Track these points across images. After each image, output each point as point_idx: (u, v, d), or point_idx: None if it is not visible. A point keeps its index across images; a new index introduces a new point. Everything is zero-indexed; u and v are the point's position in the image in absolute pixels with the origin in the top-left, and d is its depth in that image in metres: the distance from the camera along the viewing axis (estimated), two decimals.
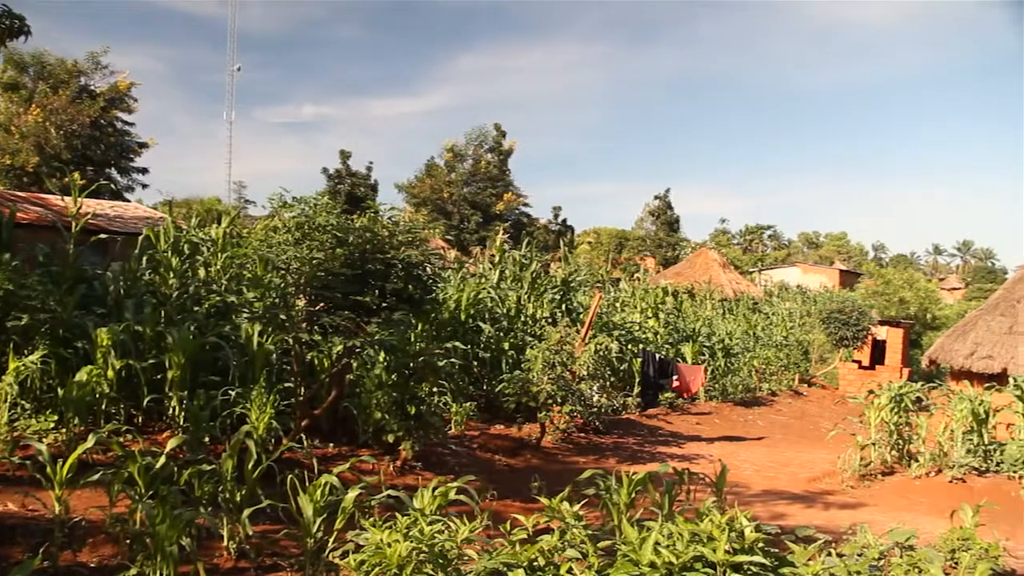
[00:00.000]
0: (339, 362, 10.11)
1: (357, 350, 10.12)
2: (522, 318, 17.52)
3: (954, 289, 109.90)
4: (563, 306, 18.68)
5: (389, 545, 4.86)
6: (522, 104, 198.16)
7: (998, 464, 12.71)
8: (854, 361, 30.67)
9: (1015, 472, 12.34)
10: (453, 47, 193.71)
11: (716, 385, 22.53)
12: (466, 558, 5.14)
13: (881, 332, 32.02)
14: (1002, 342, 21.22)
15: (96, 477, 6.38)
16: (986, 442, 13.12)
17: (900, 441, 13.70)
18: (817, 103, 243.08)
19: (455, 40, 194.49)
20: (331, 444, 10.89)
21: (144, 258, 12.63)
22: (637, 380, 18.82)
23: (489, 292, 17.15)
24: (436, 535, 5.05)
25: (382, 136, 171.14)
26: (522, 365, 14.54)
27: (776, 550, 5.46)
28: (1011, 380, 14.36)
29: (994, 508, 8.97)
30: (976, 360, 21.18)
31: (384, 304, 9.92)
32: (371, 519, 5.34)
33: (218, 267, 13.40)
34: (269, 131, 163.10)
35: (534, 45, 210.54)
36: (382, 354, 11.06)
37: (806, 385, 28.99)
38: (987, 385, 15.70)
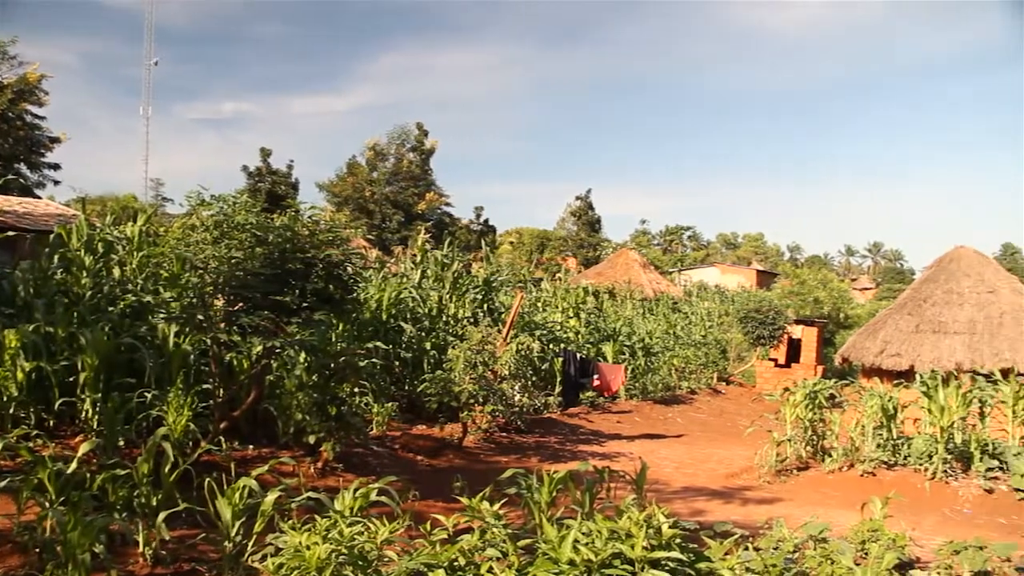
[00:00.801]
0: (259, 363, 9.98)
1: (277, 351, 10.00)
2: (444, 318, 17.50)
3: (865, 289, 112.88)
4: (485, 306, 18.71)
5: (308, 548, 4.82)
6: (444, 103, 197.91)
7: (905, 458, 13.10)
8: (770, 359, 31.31)
9: (921, 465, 12.73)
10: (375, 45, 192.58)
11: (636, 384, 22.77)
12: (386, 559, 5.12)
13: (796, 331, 32.73)
14: (909, 340, 21.90)
15: (3, 484, 6.20)
16: (895, 437, 13.50)
17: (814, 437, 14.03)
18: (735, 106, 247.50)
19: (377, 38, 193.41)
20: (251, 446, 10.73)
21: (55, 257, 12.23)
22: (558, 379, 18.93)
23: (411, 292, 17.09)
24: (356, 537, 5.03)
25: (303, 134, 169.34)
26: (444, 365, 14.52)
27: (695, 546, 5.56)
28: (918, 377, 14.79)
29: (901, 500, 9.27)
30: (885, 358, 21.82)
31: (305, 304, 9.82)
32: (290, 522, 5.28)
33: (134, 266, 13.08)
34: (187, 128, 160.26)
35: (457, 45, 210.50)
36: (303, 355, 10.95)
37: (724, 383, 29.49)
38: (896, 382, 16.16)
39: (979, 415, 14.21)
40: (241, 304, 9.71)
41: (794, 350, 32.46)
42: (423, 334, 16.35)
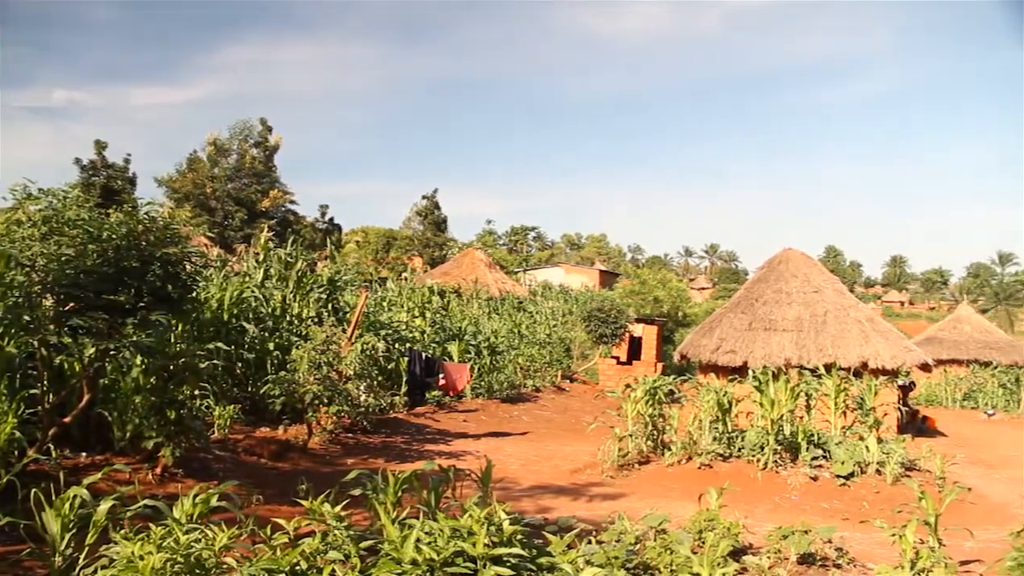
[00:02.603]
0: (91, 366, 9.54)
1: (111, 352, 9.58)
2: (287, 318, 17.16)
3: (703, 289, 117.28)
4: (329, 305, 18.44)
5: (141, 558, 4.66)
6: (290, 99, 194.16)
7: (740, 449, 13.67)
8: (613, 357, 32.06)
9: (753, 456, 13.33)
10: (219, 36, 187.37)
11: (482, 382, 22.90)
12: (226, 567, 4.99)
13: (637, 329, 33.62)
14: (743, 338, 22.87)
15: None
16: (729, 430, 14.08)
17: (655, 432, 14.45)
18: (580, 109, 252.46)
19: (221, 28, 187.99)
20: (84, 454, 10.24)
21: None
22: (404, 379, 18.89)
23: (253, 291, 16.66)
24: (193, 544, 4.88)
25: (141, 127, 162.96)
26: (288, 366, 14.24)
27: (540, 541, 5.66)
28: (750, 372, 15.48)
29: (736, 490, 9.70)
30: (721, 354, 22.71)
31: (141, 304, 9.44)
32: (122, 531, 5.07)
33: None
34: (13, 116, 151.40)
35: (304, 40, 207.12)
36: (139, 356, 10.53)
37: (568, 381, 29.99)
38: (730, 377, 16.86)
39: (806, 408, 15.00)
40: (72, 304, 9.26)
41: (635, 348, 33.33)
42: (266, 334, 15.99)
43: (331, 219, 76.55)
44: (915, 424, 23.67)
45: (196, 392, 11.59)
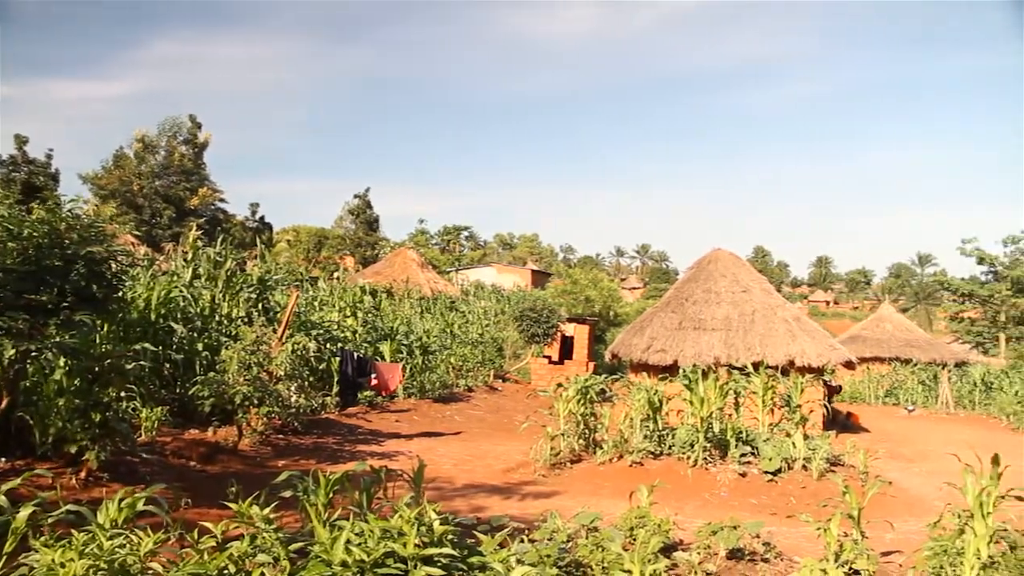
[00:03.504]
0: (11, 368, 9.28)
1: (33, 354, 9.34)
2: (217, 318, 16.89)
3: (634, 288, 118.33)
4: (260, 305, 18.19)
5: (63, 565, 4.54)
6: (220, 96, 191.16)
7: (670, 447, 13.85)
8: (545, 356, 32.22)
9: (684, 453, 13.51)
10: (146, 29, 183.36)
11: (414, 382, 22.83)
12: (151, 572, 4.89)
13: (569, 329, 33.83)
14: (673, 337, 23.12)
15: None
16: (660, 428, 14.25)
17: (586, 430, 14.56)
18: (512, 108, 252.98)
19: (149, 21, 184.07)
20: (3, 459, 9.96)
21: None
22: (336, 379, 18.73)
23: (182, 291, 16.36)
24: (117, 550, 4.77)
25: (65, 122, 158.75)
26: (217, 366, 14.01)
27: (472, 541, 5.65)
28: (681, 371, 15.67)
29: (666, 487, 9.81)
30: (652, 353, 22.93)
31: (64, 304, 9.22)
32: (43, 538, 4.94)
33: None
34: None
35: (235, 36, 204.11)
36: (62, 358, 10.27)
37: (501, 380, 30.05)
38: (661, 376, 17.06)
39: (734, 405, 15.26)
40: None
41: (567, 347, 33.54)
42: (195, 334, 15.72)
43: (262, 218, 75.60)
44: (839, 420, 24.20)
45: (122, 394, 11.30)
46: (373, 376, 19.14)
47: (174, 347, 15.20)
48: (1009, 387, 33.55)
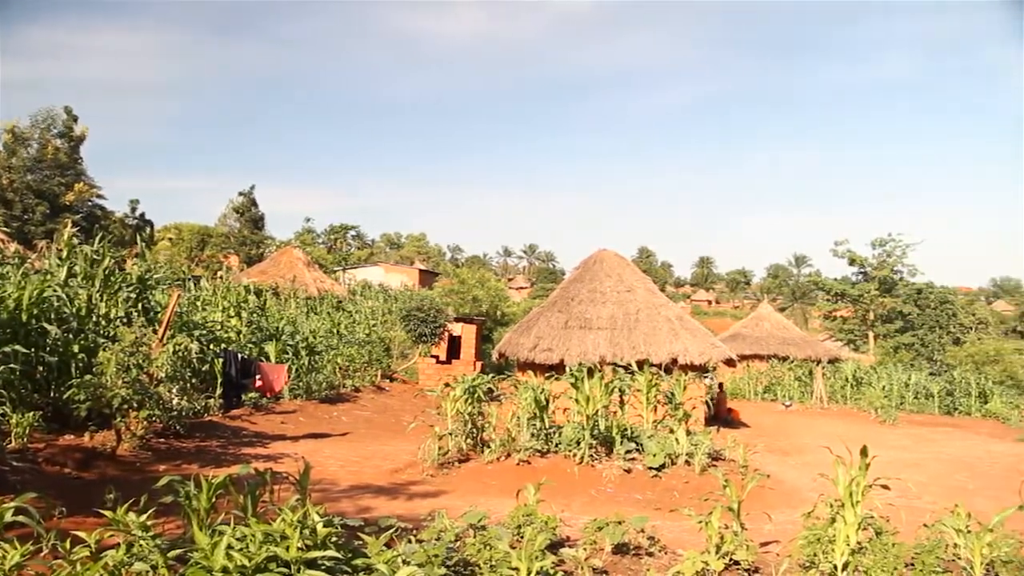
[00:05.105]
0: None
1: None
2: (94, 318, 16.33)
3: (521, 288, 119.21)
4: (139, 305, 17.66)
5: None
6: (99, 87, 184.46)
7: (557, 445, 14.03)
8: (432, 356, 32.21)
9: (570, 451, 13.70)
10: (18, 14, 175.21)
11: (300, 383, 22.54)
12: None
13: (457, 328, 33.88)
14: (560, 336, 23.41)
15: None
16: (547, 426, 14.43)
17: (474, 430, 14.64)
18: (399, 107, 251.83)
19: (20, 6, 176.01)
20: None
21: None
22: (219, 381, 18.38)
23: (56, 290, 15.76)
24: None
25: None
26: (94, 369, 13.56)
27: (358, 543, 5.64)
28: (567, 370, 15.88)
29: (553, 484, 9.97)
30: (539, 352, 23.16)
31: None
32: None
33: None
34: None
35: (115, 25, 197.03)
36: None
37: (388, 380, 29.92)
38: (548, 375, 17.23)
39: (619, 403, 15.54)
40: None
41: (455, 347, 33.58)
42: (70, 336, 15.16)
43: (142, 215, 73.41)
44: (721, 416, 24.90)
45: None
46: (258, 377, 18.85)
47: (47, 349, 14.63)
48: (877, 382, 35.22)
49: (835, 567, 6.96)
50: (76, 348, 14.99)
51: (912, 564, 6.96)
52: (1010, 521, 7.55)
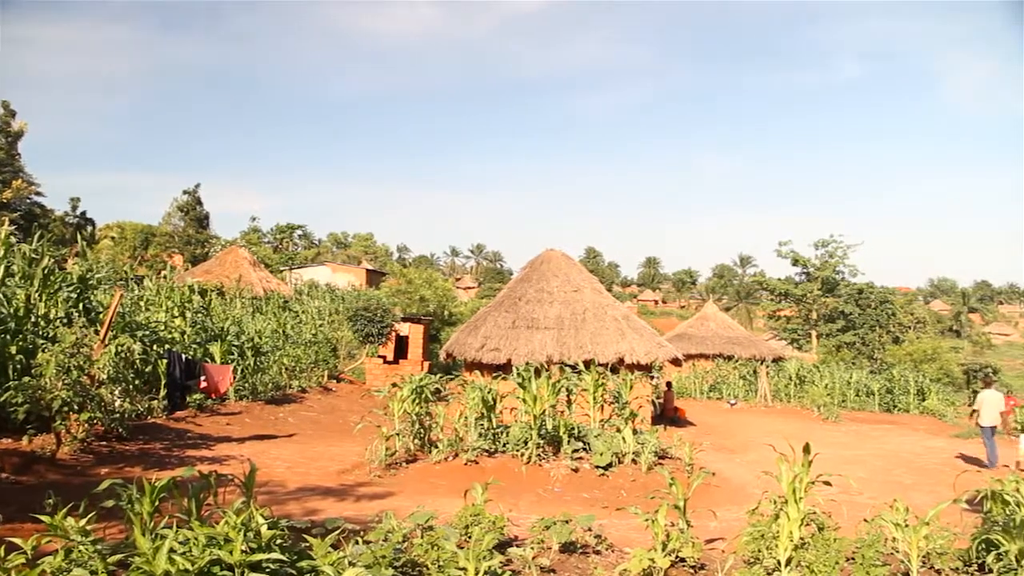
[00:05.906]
0: None
1: None
2: (32, 319, 16.02)
3: (469, 288, 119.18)
4: (80, 305, 17.37)
5: None
6: (37, 82, 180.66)
7: (505, 445, 14.07)
8: (380, 356, 32.12)
9: (518, 451, 13.74)
10: None
11: (246, 384, 22.34)
12: None
13: (404, 328, 33.81)
14: (507, 336, 23.46)
15: None
16: (495, 426, 14.47)
17: (422, 430, 14.62)
18: (346, 105, 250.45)
19: None
20: None
21: None
22: (163, 382, 18.13)
23: None
24: None
25: None
26: (33, 371, 13.31)
27: (305, 545, 5.61)
28: (514, 369, 15.91)
29: (501, 484, 9.99)
30: (486, 352, 23.20)
31: None
32: None
33: None
34: None
35: (55, 18, 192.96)
36: None
37: (335, 381, 29.75)
38: (495, 375, 17.28)
39: (567, 402, 15.63)
40: None
41: (402, 347, 33.52)
42: (7, 337, 14.86)
43: (83, 213, 72.17)
44: (667, 415, 25.12)
45: None
46: (202, 378, 18.63)
47: None
48: (819, 381, 35.79)
49: (779, 562, 7.06)
50: (14, 349, 14.71)
51: (853, 558, 7.09)
52: (945, 514, 7.74)
